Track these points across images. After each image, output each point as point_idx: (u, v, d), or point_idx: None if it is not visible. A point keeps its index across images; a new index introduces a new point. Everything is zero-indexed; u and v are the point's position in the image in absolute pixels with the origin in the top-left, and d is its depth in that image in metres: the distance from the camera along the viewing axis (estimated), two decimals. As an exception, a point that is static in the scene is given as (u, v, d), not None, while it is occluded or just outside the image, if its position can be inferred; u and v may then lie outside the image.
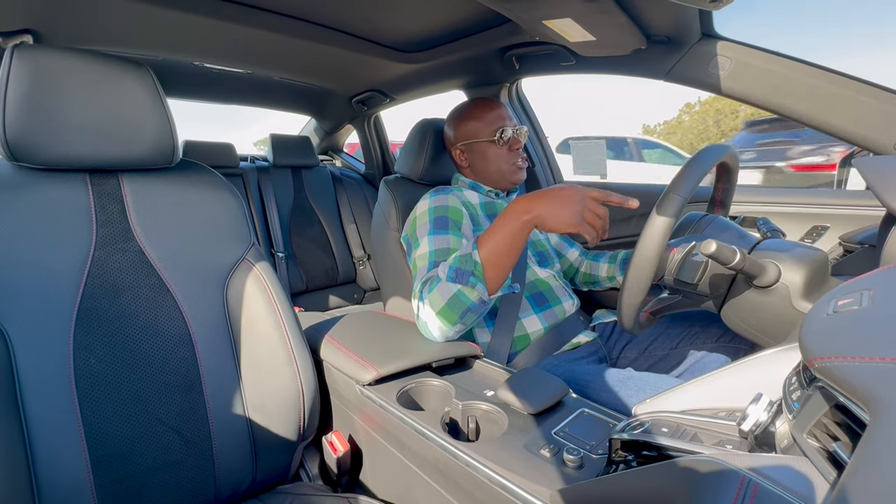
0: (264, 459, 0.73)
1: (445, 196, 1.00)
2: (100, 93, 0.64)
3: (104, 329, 0.63)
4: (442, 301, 0.78)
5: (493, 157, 1.06)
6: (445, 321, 0.79)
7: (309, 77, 1.72)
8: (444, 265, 0.82)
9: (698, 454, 0.37)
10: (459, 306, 0.78)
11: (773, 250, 0.67)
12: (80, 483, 0.59)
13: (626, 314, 0.71)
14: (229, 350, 0.71)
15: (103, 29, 1.12)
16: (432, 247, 0.91)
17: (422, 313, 0.81)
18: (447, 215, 0.96)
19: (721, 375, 0.51)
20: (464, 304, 0.78)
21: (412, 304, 0.86)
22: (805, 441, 0.32)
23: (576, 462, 0.49)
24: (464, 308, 0.78)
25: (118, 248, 0.66)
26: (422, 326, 0.82)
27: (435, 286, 0.80)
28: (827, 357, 0.31)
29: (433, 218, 0.96)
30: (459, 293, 0.77)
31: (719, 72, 0.97)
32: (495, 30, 1.18)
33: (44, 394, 0.58)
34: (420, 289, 0.83)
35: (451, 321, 0.79)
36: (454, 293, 0.77)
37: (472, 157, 1.07)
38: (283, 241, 2.00)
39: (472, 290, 0.77)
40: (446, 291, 0.78)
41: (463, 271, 0.78)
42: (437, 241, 0.92)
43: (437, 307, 0.79)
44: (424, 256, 0.90)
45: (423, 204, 1.00)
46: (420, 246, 0.93)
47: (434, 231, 0.93)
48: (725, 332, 0.96)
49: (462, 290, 0.77)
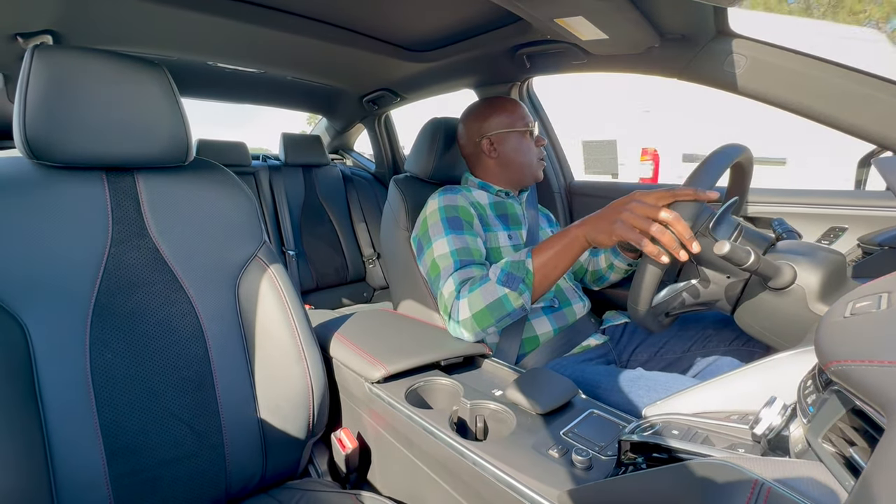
0: (274, 455, 0.74)
1: (454, 196, 1.00)
2: (117, 92, 0.65)
3: (119, 324, 0.64)
4: (483, 303, 0.79)
5: (525, 149, 1.07)
6: (480, 323, 0.80)
7: (320, 76, 1.74)
8: (494, 270, 0.82)
9: (710, 457, 0.37)
10: (500, 311, 0.79)
11: (788, 251, 0.66)
12: (95, 474, 0.60)
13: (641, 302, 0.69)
14: (240, 346, 0.72)
15: (120, 29, 1.14)
16: (452, 246, 0.91)
17: (455, 312, 0.82)
18: (459, 216, 0.96)
19: (734, 378, 0.51)
20: (505, 309, 0.79)
21: (439, 301, 0.87)
22: (820, 446, 0.32)
23: (585, 463, 0.49)
24: (503, 313, 0.79)
25: (133, 244, 0.67)
26: (452, 325, 0.83)
27: (478, 287, 0.81)
28: (844, 360, 0.30)
29: (446, 218, 0.96)
30: (504, 298, 0.78)
31: (735, 70, 0.95)
32: (506, 28, 1.17)
33: (61, 386, 0.59)
34: (457, 287, 0.84)
35: (486, 324, 0.80)
36: (499, 297, 0.79)
37: (503, 147, 1.07)
38: (294, 240, 2.02)
39: (517, 297, 0.78)
40: (491, 294, 0.79)
41: (514, 277, 0.79)
42: (457, 241, 0.92)
43: (476, 308, 0.80)
44: (446, 256, 0.91)
45: (433, 204, 1.00)
46: (437, 246, 0.93)
47: (451, 231, 0.94)
48: (739, 335, 0.94)
49: (508, 295, 0.78)
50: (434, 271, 0.92)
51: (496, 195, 1.08)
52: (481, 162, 1.10)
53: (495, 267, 0.83)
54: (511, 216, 1.07)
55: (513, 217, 1.07)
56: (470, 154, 1.12)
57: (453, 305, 0.83)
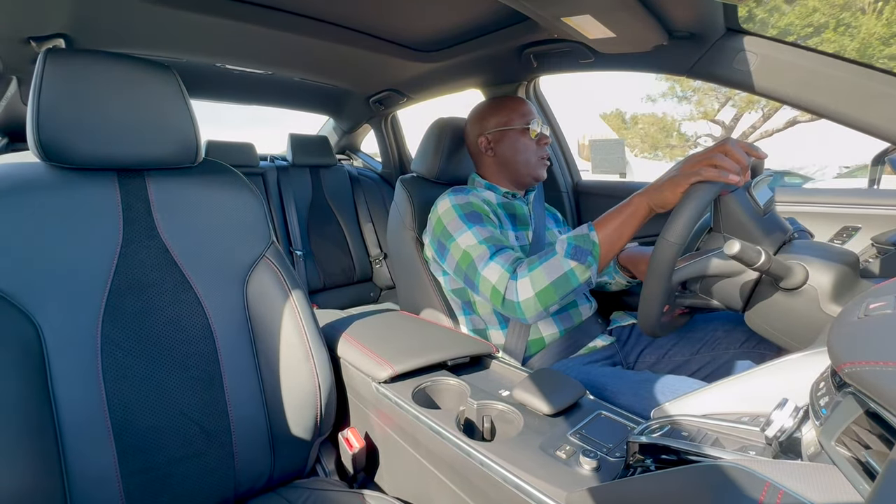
0: (282, 454, 0.74)
1: (465, 195, 1.00)
2: (128, 95, 0.66)
3: (130, 323, 0.65)
4: (547, 280, 0.78)
5: (522, 147, 1.05)
6: (544, 301, 0.79)
7: (328, 77, 1.74)
8: (559, 244, 0.81)
9: (720, 460, 0.36)
10: (565, 286, 0.78)
11: (800, 251, 0.65)
12: (107, 472, 0.61)
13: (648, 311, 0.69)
14: (249, 346, 0.73)
15: (131, 33, 1.15)
16: (480, 237, 0.91)
17: (512, 292, 0.81)
18: (476, 210, 0.96)
19: (744, 379, 0.50)
20: (570, 284, 0.78)
21: (481, 287, 0.86)
22: (834, 449, 0.31)
23: (592, 465, 0.49)
24: (568, 289, 0.78)
25: (143, 244, 0.68)
26: (509, 305, 0.82)
27: (539, 264, 0.80)
28: (857, 362, 0.30)
29: (463, 214, 0.95)
30: (571, 273, 0.77)
31: (745, 68, 0.94)
32: (513, 28, 1.17)
33: (73, 385, 0.60)
34: (508, 268, 0.83)
35: (550, 301, 0.79)
36: (565, 272, 0.78)
37: (501, 145, 1.06)
38: (302, 240, 2.03)
39: (584, 271, 0.78)
40: (556, 269, 0.78)
41: (582, 250, 0.78)
42: (482, 232, 0.91)
43: (540, 286, 0.79)
44: (476, 246, 0.90)
45: (444, 203, 0.99)
46: (461, 239, 0.92)
47: (472, 224, 0.93)
48: (748, 337, 0.93)
49: (575, 269, 0.77)
50: (466, 261, 0.91)
51: (503, 196, 1.08)
52: (483, 161, 1.10)
53: (559, 242, 0.82)
54: (519, 217, 1.07)
55: (521, 218, 1.07)
56: (474, 153, 1.12)
57: (508, 286, 0.82)
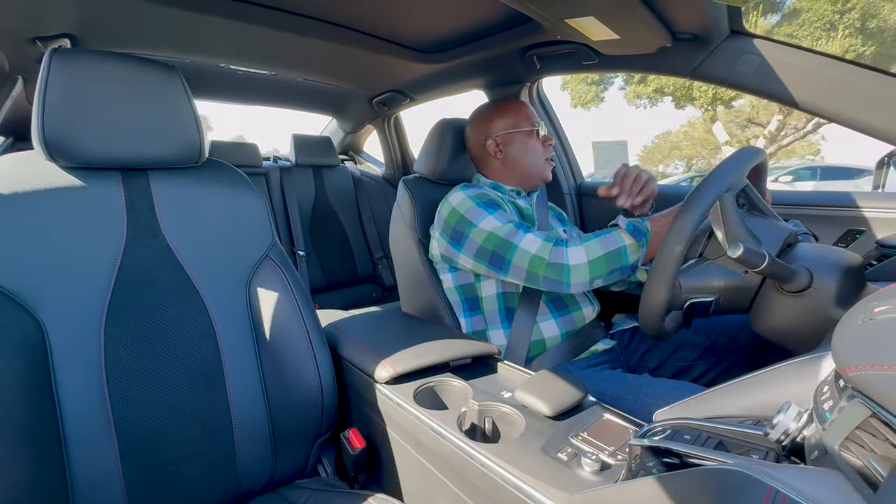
0: (283, 454, 0.74)
1: (478, 189, 1.01)
2: (132, 94, 0.66)
3: (133, 322, 0.65)
4: (602, 250, 0.81)
5: (531, 149, 1.07)
6: (595, 271, 0.81)
7: (331, 78, 1.75)
8: (619, 219, 0.85)
9: (723, 463, 0.36)
10: (616, 262, 0.81)
11: (804, 254, 0.65)
12: (109, 471, 0.61)
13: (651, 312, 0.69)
14: (251, 345, 0.73)
15: (136, 33, 1.16)
16: (504, 220, 0.92)
17: (566, 257, 0.82)
18: (494, 200, 0.97)
19: (748, 383, 0.50)
20: (621, 261, 0.81)
21: (517, 257, 0.87)
22: (838, 453, 0.31)
23: (594, 467, 0.49)
24: (618, 265, 0.81)
25: (147, 243, 0.68)
26: (553, 270, 0.83)
27: (594, 237, 0.83)
28: (862, 366, 0.30)
29: (481, 202, 0.95)
30: (624, 249, 0.80)
31: (749, 70, 0.94)
32: (516, 29, 1.17)
33: (76, 383, 0.60)
34: (553, 240, 0.85)
35: (599, 273, 0.81)
36: (620, 247, 0.81)
37: (509, 147, 1.06)
38: (304, 240, 2.03)
39: (636, 251, 0.80)
40: (612, 242, 0.81)
41: (640, 229, 0.81)
42: (505, 216, 0.93)
43: (594, 254, 0.81)
44: (501, 227, 0.90)
45: (458, 195, 0.99)
46: (484, 223, 0.92)
47: (493, 209, 0.94)
48: (752, 341, 0.93)
49: (629, 246, 0.80)
50: (492, 241, 0.90)
51: (509, 195, 1.08)
52: (488, 163, 1.10)
53: (620, 217, 0.86)
54: (525, 216, 1.07)
55: (526, 217, 1.07)
56: (477, 156, 1.12)
57: (553, 252, 0.83)
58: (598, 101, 13.01)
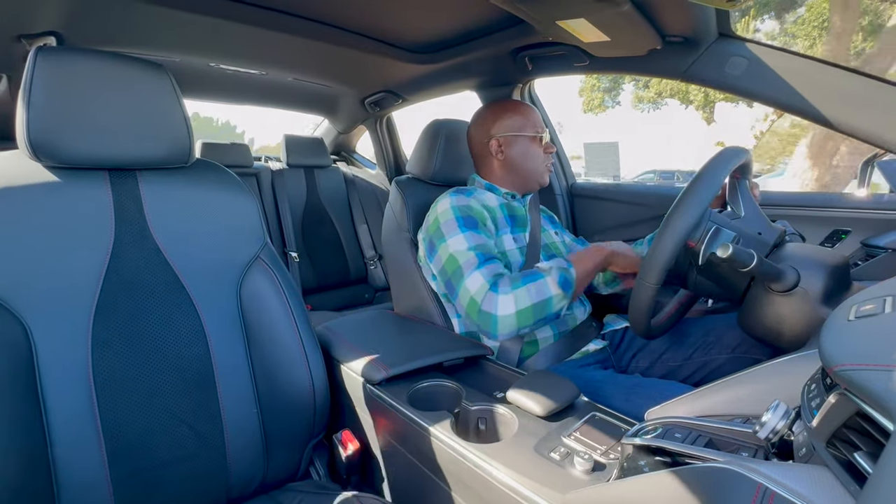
0: (275, 456, 0.74)
1: (466, 198, 0.99)
2: (120, 93, 0.65)
3: (121, 324, 0.64)
4: (529, 301, 0.79)
5: (532, 154, 1.07)
6: (522, 321, 0.80)
7: (322, 78, 1.74)
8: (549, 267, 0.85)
9: (713, 461, 0.37)
10: (544, 311, 0.79)
11: (792, 254, 0.66)
12: (96, 475, 0.60)
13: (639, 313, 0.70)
14: (242, 347, 0.72)
15: (123, 31, 1.14)
16: (471, 242, 0.90)
17: (493, 305, 0.81)
18: (473, 216, 0.96)
19: (737, 381, 0.50)
20: (549, 310, 0.79)
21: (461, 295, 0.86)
22: (825, 450, 0.31)
23: (587, 466, 0.49)
24: (545, 314, 0.80)
25: (135, 244, 0.67)
26: (484, 317, 0.82)
27: (523, 284, 0.81)
28: (848, 364, 0.30)
29: (460, 216, 0.95)
30: (551, 300, 0.79)
31: (737, 72, 0.95)
32: (508, 30, 1.17)
33: (63, 387, 0.59)
34: (491, 281, 0.83)
35: (526, 323, 0.80)
36: (549, 297, 0.79)
37: (511, 150, 1.06)
38: (296, 241, 2.02)
39: (561, 301, 0.79)
40: (542, 292, 0.79)
41: (568, 281, 0.81)
42: (474, 238, 0.91)
43: (522, 305, 0.79)
44: (465, 252, 0.89)
45: (444, 202, 0.99)
46: (452, 242, 0.92)
47: (467, 228, 0.93)
48: (741, 341, 0.94)
49: (556, 297, 0.79)
50: (452, 266, 0.90)
51: (503, 197, 1.08)
52: (487, 163, 1.10)
53: (555, 268, 0.84)
54: (518, 218, 1.07)
55: (520, 219, 1.07)
56: (477, 154, 1.12)
57: (487, 298, 0.82)
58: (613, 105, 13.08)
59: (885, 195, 1.05)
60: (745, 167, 0.79)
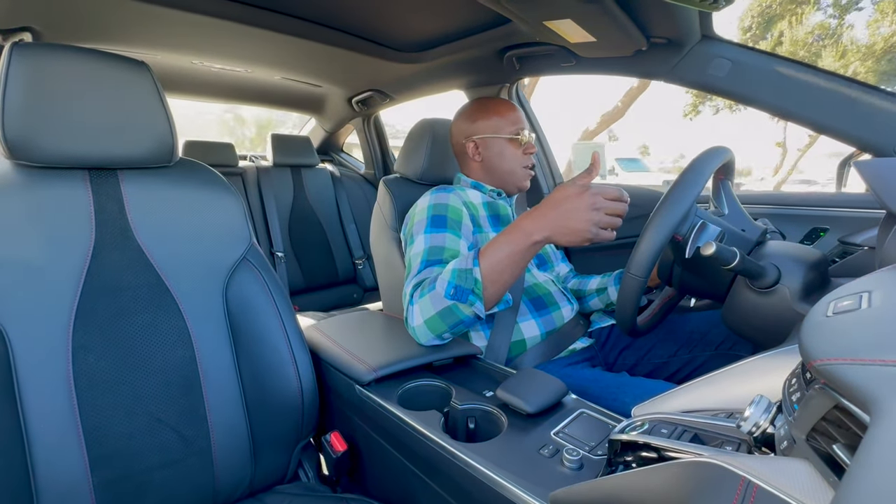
0: (263, 459, 0.73)
1: (447, 195, 0.98)
2: (99, 91, 0.64)
3: (103, 328, 0.63)
4: (433, 310, 0.76)
5: (509, 156, 1.03)
6: (433, 330, 0.77)
7: (309, 77, 1.72)
8: (441, 279, 0.77)
9: (698, 456, 0.37)
10: (451, 319, 0.76)
11: (772, 252, 0.67)
12: (78, 481, 0.59)
13: (625, 311, 0.71)
14: (229, 350, 0.71)
15: (102, 27, 1.12)
16: (427, 245, 0.89)
17: (410, 316, 0.79)
18: (446, 214, 0.94)
19: (721, 377, 0.51)
20: (457, 317, 0.76)
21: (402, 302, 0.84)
22: (805, 443, 0.32)
23: (575, 463, 0.49)
24: (456, 321, 0.76)
25: (117, 246, 0.66)
26: (409, 328, 0.80)
27: (427, 293, 0.77)
28: (826, 359, 0.31)
29: (431, 216, 0.94)
30: (454, 308, 0.75)
31: (720, 73, 0.97)
32: (495, 30, 1.18)
33: (42, 392, 0.58)
34: (411, 291, 0.81)
35: (440, 330, 0.77)
36: (448, 306, 0.75)
37: (488, 152, 1.04)
38: (283, 241, 2.00)
39: (468, 308, 0.75)
40: (440, 303, 0.75)
41: (462, 289, 0.75)
42: (433, 239, 0.90)
43: (428, 315, 0.76)
44: (419, 255, 0.88)
45: (423, 201, 0.98)
46: (415, 244, 0.91)
47: (431, 229, 0.91)
48: (724, 339, 0.96)
49: (458, 305, 0.75)
50: (406, 269, 0.90)
51: (488, 195, 1.08)
52: (468, 163, 1.09)
53: (441, 279, 0.77)
54: (502, 217, 1.07)
55: (503, 218, 1.07)
56: (458, 153, 1.11)
57: (408, 308, 0.79)
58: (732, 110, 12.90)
59: (861, 194, 1.08)
60: (728, 167, 0.80)
